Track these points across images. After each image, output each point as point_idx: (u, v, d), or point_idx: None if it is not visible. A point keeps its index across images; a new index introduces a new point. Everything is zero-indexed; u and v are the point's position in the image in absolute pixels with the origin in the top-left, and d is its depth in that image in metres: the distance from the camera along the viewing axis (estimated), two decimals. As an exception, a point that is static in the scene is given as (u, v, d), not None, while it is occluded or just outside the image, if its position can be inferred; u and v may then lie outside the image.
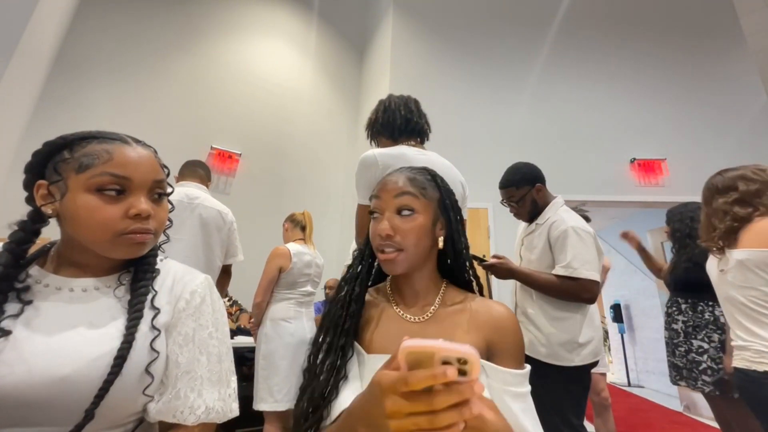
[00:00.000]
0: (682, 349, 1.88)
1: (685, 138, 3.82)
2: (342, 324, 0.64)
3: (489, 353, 0.60)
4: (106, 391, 0.48)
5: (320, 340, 0.64)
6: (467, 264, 0.70)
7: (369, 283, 0.73)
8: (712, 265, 1.33)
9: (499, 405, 0.54)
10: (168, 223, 0.64)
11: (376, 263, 0.73)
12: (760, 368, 1.07)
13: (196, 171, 1.88)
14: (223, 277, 1.91)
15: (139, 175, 0.57)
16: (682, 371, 1.87)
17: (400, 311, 0.67)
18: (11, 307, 0.51)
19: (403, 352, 0.33)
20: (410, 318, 0.65)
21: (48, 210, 0.55)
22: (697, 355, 1.80)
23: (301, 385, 0.62)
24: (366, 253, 0.72)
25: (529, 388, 0.58)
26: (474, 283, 0.72)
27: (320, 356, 0.62)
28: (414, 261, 0.65)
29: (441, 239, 0.67)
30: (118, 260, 0.60)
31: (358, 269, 0.70)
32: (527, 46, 4.17)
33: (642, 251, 2.30)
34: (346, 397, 0.54)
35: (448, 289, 0.70)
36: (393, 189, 0.66)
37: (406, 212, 0.64)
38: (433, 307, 0.66)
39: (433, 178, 0.70)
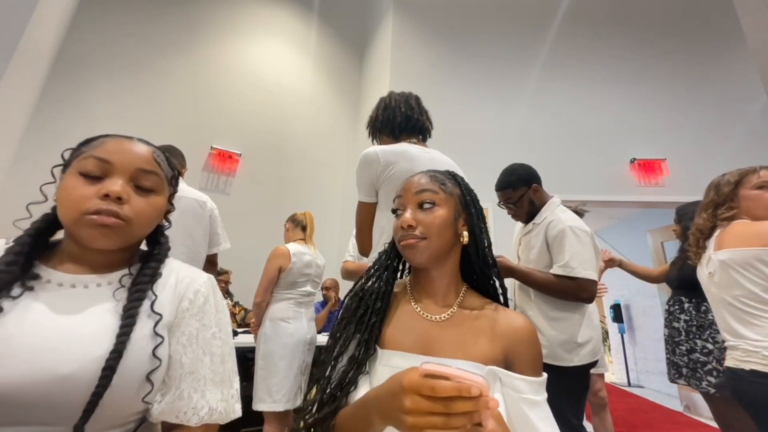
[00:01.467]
0: (684, 348, 1.88)
1: (685, 138, 3.82)
2: (368, 320, 0.64)
3: (507, 362, 0.60)
4: (99, 397, 0.47)
5: (339, 333, 0.65)
6: (491, 262, 0.71)
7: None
8: (700, 270, 1.35)
9: (516, 413, 0.55)
10: (166, 223, 0.64)
11: (402, 263, 0.74)
12: (747, 367, 1.10)
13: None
14: (208, 267, 1.85)
15: (120, 159, 0.57)
16: (682, 370, 1.86)
17: (418, 308, 0.67)
18: (12, 299, 0.51)
19: (422, 371, 0.39)
20: (428, 316, 0.65)
21: (50, 196, 0.57)
22: (702, 355, 1.79)
23: (315, 374, 0.62)
24: (392, 253, 0.73)
25: (545, 396, 0.59)
26: (498, 288, 0.72)
27: (338, 348, 0.63)
28: (436, 252, 0.66)
29: (465, 234, 0.69)
30: (114, 256, 0.59)
31: (387, 263, 0.71)
32: (527, 47, 4.17)
33: (626, 268, 2.32)
34: (365, 390, 0.56)
35: (468, 293, 0.70)
36: (414, 187, 0.68)
37: (427, 205, 0.66)
38: (451, 309, 0.66)
39: (453, 176, 0.73)
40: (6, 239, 0.58)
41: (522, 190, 1.55)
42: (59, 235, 0.61)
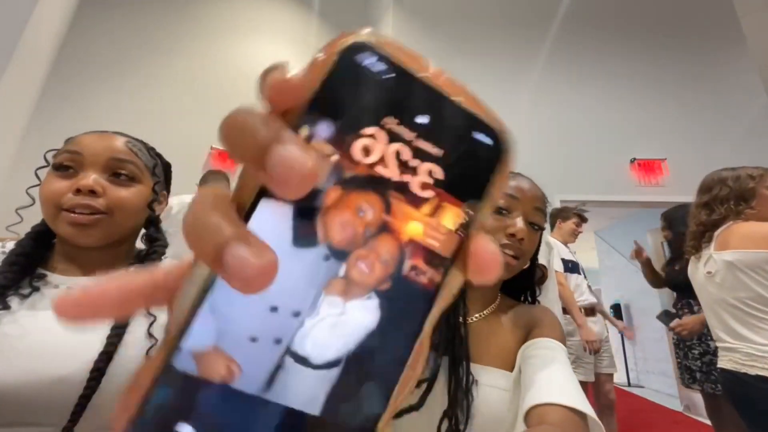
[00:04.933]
0: (697, 351, 1.85)
1: (685, 138, 3.82)
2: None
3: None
4: (87, 399, 0.47)
5: None
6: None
7: None
8: (693, 268, 1.33)
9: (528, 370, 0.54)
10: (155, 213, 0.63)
11: None
12: (752, 371, 1.08)
13: (218, 179, 2.11)
14: None
15: (91, 150, 0.56)
16: (695, 374, 1.84)
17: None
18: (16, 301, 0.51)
19: None
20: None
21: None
22: (715, 356, 1.75)
23: None
24: None
25: (557, 354, 0.56)
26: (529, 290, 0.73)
27: None
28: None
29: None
30: (107, 254, 0.59)
31: None
32: (527, 46, 4.16)
33: (648, 265, 2.27)
34: None
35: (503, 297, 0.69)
36: (533, 199, 0.63)
37: (536, 228, 0.62)
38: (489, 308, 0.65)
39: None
40: (2, 242, 0.58)
41: None
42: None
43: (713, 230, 1.25)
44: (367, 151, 0.13)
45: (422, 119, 0.14)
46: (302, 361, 0.13)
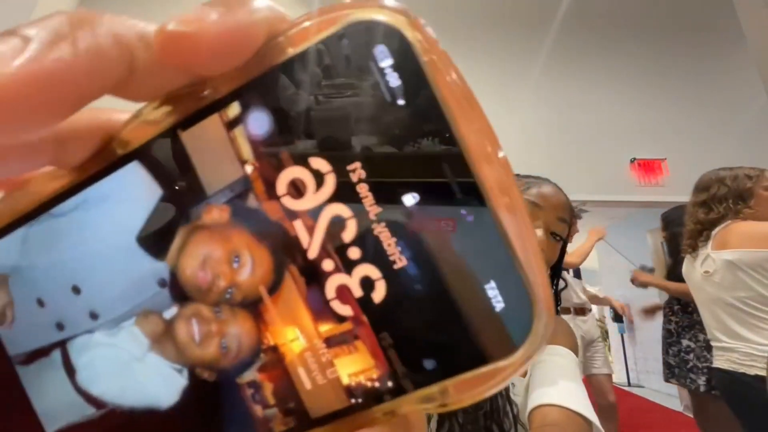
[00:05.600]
0: (675, 349, 1.96)
1: (685, 138, 3.82)
2: None
3: None
4: None
5: None
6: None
7: None
8: (690, 267, 1.33)
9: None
10: None
11: None
12: (750, 371, 1.07)
13: None
14: None
15: None
16: (674, 369, 1.95)
17: None
18: None
19: None
20: None
21: None
22: (685, 354, 1.88)
23: None
24: None
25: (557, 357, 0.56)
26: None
27: None
28: None
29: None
30: None
31: None
32: (527, 46, 4.17)
33: (651, 281, 2.28)
34: None
35: None
36: (557, 206, 0.60)
37: (557, 237, 0.60)
38: None
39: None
40: None
41: None
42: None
43: (711, 229, 1.24)
44: (297, 190, 0.08)
45: (409, 198, 0.08)
46: (68, 369, 0.10)
